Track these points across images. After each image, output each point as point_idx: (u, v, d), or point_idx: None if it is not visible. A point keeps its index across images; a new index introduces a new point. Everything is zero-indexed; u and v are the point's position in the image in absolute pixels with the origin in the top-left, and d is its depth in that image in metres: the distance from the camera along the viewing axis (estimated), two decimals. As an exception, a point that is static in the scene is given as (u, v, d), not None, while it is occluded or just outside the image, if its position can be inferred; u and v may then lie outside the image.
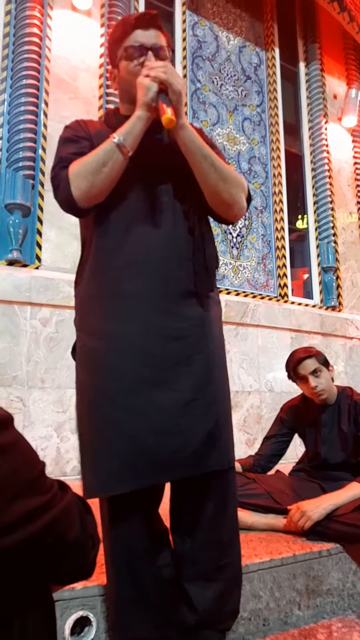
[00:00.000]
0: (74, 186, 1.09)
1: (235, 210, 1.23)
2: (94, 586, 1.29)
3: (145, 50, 1.18)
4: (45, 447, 2.92)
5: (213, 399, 1.16)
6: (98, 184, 1.09)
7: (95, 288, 1.17)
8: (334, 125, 5.23)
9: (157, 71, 1.09)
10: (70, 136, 1.21)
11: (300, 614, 1.59)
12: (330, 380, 2.04)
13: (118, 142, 1.08)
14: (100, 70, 3.69)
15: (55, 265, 3.25)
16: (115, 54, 1.24)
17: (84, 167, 1.09)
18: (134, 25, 1.18)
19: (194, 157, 1.14)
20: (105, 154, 1.09)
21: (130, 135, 1.10)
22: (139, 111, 1.11)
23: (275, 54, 4.90)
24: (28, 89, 3.29)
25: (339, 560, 1.73)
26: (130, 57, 1.19)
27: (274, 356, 4.09)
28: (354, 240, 5.17)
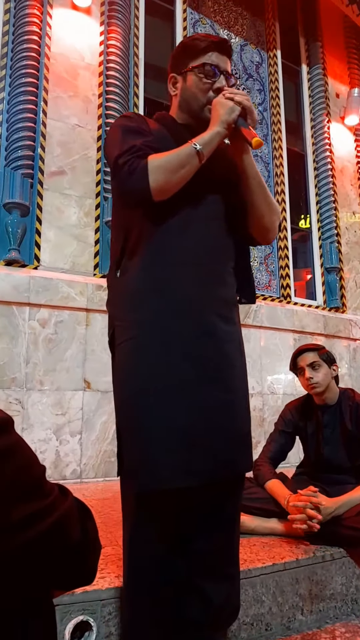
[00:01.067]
0: (153, 178, 1.13)
1: (270, 235, 1.34)
2: (94, 591, 1.29)
3: (219, 73, 1.27)
4: (44, 450, 2.88)
5: (248, 402, 1.25)
6: (173, 182, 1.15)
7: (146, 282, 1.19)
8: (336, 124, 5.20)
9: (242, 98, 1.20)
10: (134, 127, 1.25)
11: (303, 619, 1.59)
12: (330, 378, 2.03)
13: (198, 150, 1.15)
14: (100, 68, 3.67)
15: (54, 266, 3.22)
16: (184, 63, 1.30)
17: (166, 162, 1.14)
18: (213, 46, 1.27)
19: (252, 181, 1.25)
20: (186, 157, 1.15)
21: (208, 146, 1.17)
22: (219, 127, 1.18)
23: (276, 53, 4.88)
24: (27, 87, 3.28)
25: (342, 565, 1.72)
26: (205, 74, 1.27)
27: (277, 358, 4.05)
28: (357, 240, 5.13)
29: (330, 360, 2.05)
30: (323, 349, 2.07)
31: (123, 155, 1.16)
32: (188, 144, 1.16)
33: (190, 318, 1.17)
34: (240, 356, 1.26)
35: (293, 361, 2.10)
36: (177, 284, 1.18)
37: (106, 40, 3.71)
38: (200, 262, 1.20)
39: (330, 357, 2.05)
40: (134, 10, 4.00)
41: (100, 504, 2.28)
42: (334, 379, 2.06)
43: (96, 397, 3.09)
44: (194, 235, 1.21)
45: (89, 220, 3.41)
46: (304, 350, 2.07)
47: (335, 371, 2.05)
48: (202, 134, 1.19)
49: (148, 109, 4.01)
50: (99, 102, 3.61)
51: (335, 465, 2.02)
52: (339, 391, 2.08)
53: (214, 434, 1.14)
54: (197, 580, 1.21)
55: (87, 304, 3.13)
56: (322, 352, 2.05)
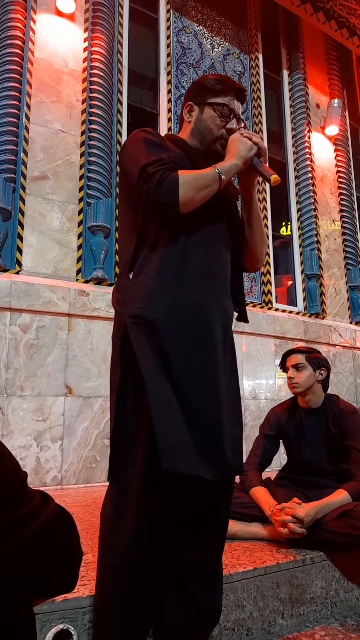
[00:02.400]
0: (183, 191, 1.21)
1: (258, 265, 1.49)
2: (75, 599, 1.27)
3: (233, 116, 1.39)
4: (25, 456, 2.85)
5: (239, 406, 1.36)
6: (197, 199, 1.24)
7: (160, 285, 1.25)
8: (317, 134, 5.29)
9: (258, 139, 1.32)
10: (158, 142, 1.35)
11: (283, 623, 1.59)
12: (312, 381, 2.06)
13: (220, 175, 1.26)
14: (84, 74, 3.67)
15: (36, 270, 3.20)
16: (204, 97, 1.40)
17: (194, 180, 1.24)
18: (234, 91, 1.39)
19: (254, 214, 1.40)
20: (211, 178, 1.26)
21: (228, 174, 1.28)
22: (237, 160, 1.29)
23: (259, 62, 4.95)
24: (10, 91, 3.27)
25: (322, 568, 1.73)
26: (222, 114, 1.38)
27: (258, 363, 4.08)
28: (336, 247, 5.21)
29: (318, 365, 2.08)
30: (313, 353, 2.11)
31: (152, 165, 1.23)
32: (211, 168, 1.26)
33: (200, 324, 1.25)
34: (236, 367, 1.37)
35: (282, 360, 2.18)
36: (188, 291, 1.25)
37: (90, 47, 3.72)
38: (209, 274, 1.29)
39: (318, 362, 2.09)
40: (118, 17, 4.01)
41: (81, 510, 2.26)
42: (320, 383, 2.09)
43: (78, 403, 3.07)
44: (205, 250, 1.30)
45: (71, 226, 3.40)
46: (294, 351, 2.14)
47: (321, 375, 2.08)
48: (222, 162, 1.29)
49: (131, 116, 4.03)
50: (83, 107, 3.61)
51: (316, 468, 2.05)
52: (324, 396, 2.11)
53: (226, 435, 1.21)
54: (185, 583, 1.25)
55: (69, 309, 3.11)
56: (311, 356, 2.09)
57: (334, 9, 4.79)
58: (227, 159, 1.30)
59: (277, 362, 3.94)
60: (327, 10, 4.78)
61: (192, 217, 1.27)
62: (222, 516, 1.32)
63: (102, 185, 3.52)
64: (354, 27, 5.04)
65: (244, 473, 2.06)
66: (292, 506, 1.74)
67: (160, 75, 4.30)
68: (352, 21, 4.97)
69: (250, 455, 2.14)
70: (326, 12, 4.79)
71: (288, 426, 2.15)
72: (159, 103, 4.27)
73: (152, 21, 4.41)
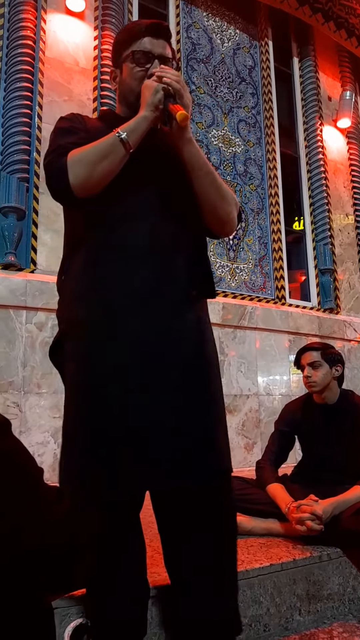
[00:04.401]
0: (72, 174, 1.07)
1: (227, 227, 1.25)
2: None
3: (152, 58, 1.19)
4: (42, 453, 2.88)
5: (208, 403, 1.15)
6: (96, 175, 1.08)
7: (88, 282, 1.14)
8: (329, 127, 5.24)
9: (171, 78, 1.10)
10: (67, 127, 1.20)
11: (300, 620, 1.59)
12: (329, 378, 2.03)
13: (122, 138, 1.08)
14: (95, 72, 3.68)
15: (51, 269, 3.22)
16: (119, 55, 1.24)
17: (84, 156, 1.08)
18: (144, 31, 1.19)
19: (197, 172, 1.16)
20: (108, 147, 1.08)
21: (134, 133, 1.09)
22: (145, 111, 1.11)
23: (269, 56, 4.90)
24: (22, 91, 3.28)
25: (339, 565, 1.72)
26: (137, 62, 1.19)
27: (272, 359, 4.07)
28: (350, 242, 5.17)
29: (334, 361, 2.05)
30: (329, 349, 2.08)
31: (47, 157, 1.14)
32: (112, 134, 1.09)
33: (138, 315, 1.09)
34: (196, 356, 1.14)
35: (297, 358, 2.13)
36: (121, 281, 1.11)
37: (100, 45, 3.72)
38: (145, 256, 1.12)
39: (334, 358, 2.06)
40: (128, 14, 4.01)
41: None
42: (336, 380, 2.07)
43: (93, 400, 3.09)
44: (137, 229, 1.14)
45: (84, 224, 3.41)
46: (309, 348, 2.09)
47: (337, 372, 2.05)
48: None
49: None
50: (94, 106, 3.62)
51: (332, 464, 2.03)
52: (339, 392, 2.09)
53: (158, 439, 1.06)
54: (183, 588, 1.16)
55: (84, 308, 3.13)
56: (326, 353, 2.05)
57: (333, 9, 4.75)
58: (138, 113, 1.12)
59: (292, 358, 3.94)
60: (325, 12, 4.74)
61: (117, 196, 1.13)
62: (208, 516, 1.13)
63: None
64: (353, 28, 5.00)
65: (258, 470, 2.06)
66: (309, 503, 1.73)
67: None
68: (351, 21, 4.92)
69: (266, 452, 2.14)
70: (324, 14, 4.75)
71: (303, 422, 2.14)
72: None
73: (162, 17, 4.38)
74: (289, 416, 2.18)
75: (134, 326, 1.09)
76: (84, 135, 1.16)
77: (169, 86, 1.10)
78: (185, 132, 1.12)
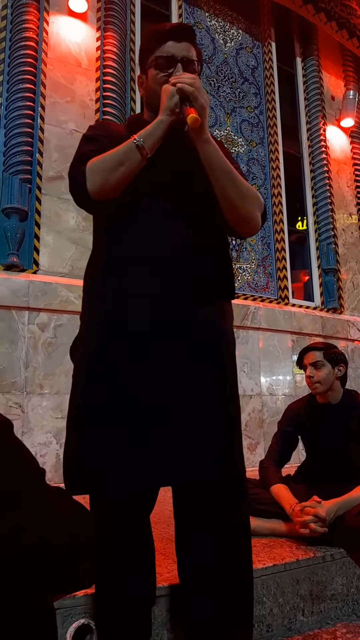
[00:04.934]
0: (90, 181, 1.12)
1: (250, 227, 1.25)
2: None
3: (175, 62, 1.20)
4: (45, 453, 2.88)
5: (211, 404, 1.14)
6: (113, 181, 1.12)
7: (101, 285, 1.18)
8: (332, 126, 5.23)
9: (184, 82, 1.12)
10: (92, 135, 1.25)
11: (304, 620, 1.58)
12: (332, 378, 2.03)
13: (138, 144, 1.11)
14: (97, 73, 3.68)
15: (53, 270, 3.23)
16: (144, 61, 1.26)
17: (102, 163, 1.13)
18: (166, 35, 1.21)
19: (215, 172, 1.16)
20: (124, 153, 1.12)
21: (150, 138, 1.12)
22: (162, 116, 1.14)
23: (272, 56, 4.90)
24: (25, 92, 3.28)
25: (342, 565, 1.72)
26: (159, 67, 1.21)
27: (275, 359, 4.06)
28: (354, 241, 5.15)
29: (336, 361, 2.04)
30: (331, 349, 2.07)
31: (71, 165, 1.19)
32: (129, 140, 1.12)
33: (146, 317, 1.11)
34: (204, 358, 1.14)
35: (299, 358, 2.13)
36: (133, 283, 1.13)
37: (103, 45, 3.72)
38: (159, 259, 1.13)
39: (337, 358, 2.05)
40: (130, 15, 4.01)
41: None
42: (339, 379, 2.06)
43: (96, 401, 3.08)
44: (153, 231, 1.15)
45: (87, 225, 3.41)
46: (311, 348, 2.09)
47: (340, 371, 2.04)
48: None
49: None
50: (97, 107, 3.62)
51: (335, 464, 2.03)
52: (342, 391, 2.08)
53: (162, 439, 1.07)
54: (185, 587, 1.17)
55: (86, 308, 3.13)
56: (329, 352, 2.05)
57: (335, 9, 4.75)
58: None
59: (295, 358, 3.92)
60: (328, 11, 4.75)
61: (136, 199, 1.16)
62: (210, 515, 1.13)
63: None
64: (354, 28, 4.99)
65: (262, 470, 2.06)
66: (312, 505, 1.72)
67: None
68: (352, 22, 4.92)
69: (269, 452, 2.13)
70: (327, 14, 4.75)
71: (306, 422, 2.13)
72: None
73: (164, 18, 4.39)
74: (292, 416, 2.17)
75: (141, 328, 1.10)
76: (107, 143, 1.19)
77: (183, 90, 1.12)
78: (202, 133, 1.14)
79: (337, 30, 4.89)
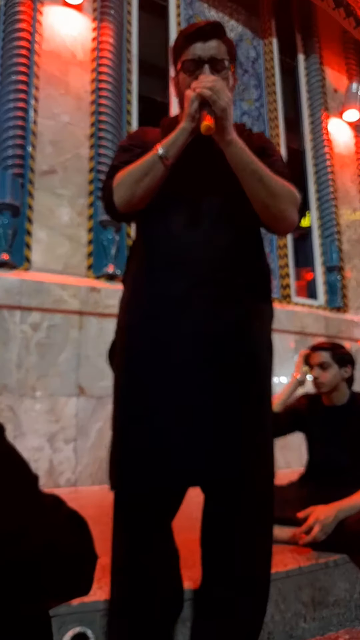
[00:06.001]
0: (117, 194, 1.19)
1: (285, 224, 1.25)
2: (92, 602, 1.28)
3: (202, 63, 1.21)
4: (38, 458, 2.80)
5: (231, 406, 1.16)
6: (139, 193, 1.18)
7: (134, 286, 1.23)
8: (335, 119, 5.14)
9: (204, 86, 1.12)
10: (125, 145, 1.31)
11: (306, 627, 1.57)
12: (338, 379, 2.02)
13: (160, 155, 1.15)
14: (93, 65, 3.61)
15: (47, 267, 3.14)
16: (176, 64, 1.28)
17: (128, 176, 1.18)
18: (193, 37, 1.22)
19: (242, 173, 1.17)
20: (148, 165, 1.16)
21: (173, 147, 1.15)
22: (184, 123, 1.15)
23: (273, 48, 4.83)
24: (18, 85, 3.23)
25: (345, 571, 1.70)
26: (187, 71, 1.23)
27: (277, 360, 3.90)
28: (358, 238, 5.06)
29: (344, 362, 2.02)
30: (339, 349, 2.05)
31: (105, 178, 1.26)
32: (152, 151, 1.16)
33: (174, 320, 1.14)
34: (232, 357, 1.15)
35: (306, 356, 2.13)
36: (164, 287, 1.16)
37: (98, 37, 3.65)
38: (188, 263, 1.16)
39: (344, 359, 2.03)
40: (127, 6, 3.95)
41: (96, 512, 2.18)
42: (345, 381, 2.04)
43: (91, 403, 3.00)
44: (182, 235, 1.19)
45: (81, 220, 3.33)
46: (319, 347, 2.07)
47: (347, 373, 2.03)
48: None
49: (142, 106, 3.95)
50: (92, 99, 3.54)
51: (339, 467, 2.00)
52: (349, 393, 2.06)
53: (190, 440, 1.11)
54: (205, 586, 1.21)
55: (81, 307, 3.05)
56: (336, 353, 2.03)
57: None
58: None
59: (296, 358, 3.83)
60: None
61: (167, 204, 1.20)
62: (231, 519, 1.17)
63: (113, 179, 3.44)
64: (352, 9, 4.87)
65: None
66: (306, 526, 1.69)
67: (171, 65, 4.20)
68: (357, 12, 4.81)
69: None
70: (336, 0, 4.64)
71: (308, 422, 2.11)
72: (169, 93, 4.19)
73: (162, 9, 4.33)
74: (296, 404, 2.17)
75: (169, 330, 1.14)
76: (139, 152, 1.23)
77: (202, 95, 1.12)
78: (225, 135, 1.14)
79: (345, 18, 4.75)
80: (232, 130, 1.15)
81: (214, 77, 1.16)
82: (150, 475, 1.10)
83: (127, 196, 1.18)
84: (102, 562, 1.48)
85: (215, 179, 1.22)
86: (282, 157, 1.32)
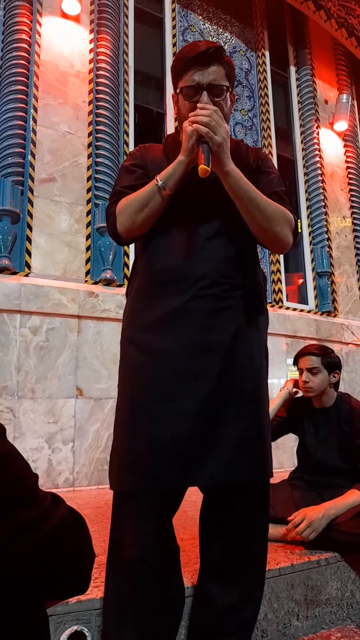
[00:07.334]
0: (119, 222, 1.25)
1: (280, 245, 1.29)
2: (89, 600, 1.28)
3: (201, 90, 1.21)
4: (37, 458, 2.85)
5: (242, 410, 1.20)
6: (139, 221, 1.23)
7: (136, 301, 1.28)
8: (325, 130, 5.24)
9: (201, 121, 1.14)
10: (128, 166, 1.34)
11: (299, 625, 1.57)
12: (326, 384, 2.04)
13: (159, 185, 1.19)
14: (90, 75, 3.67)
15: (45, 272, 3.20)
16: (175, 84, 1.29)
17: (129, 206, 1.23)
18: (192, 63, 1.21)
19: (239, 201, 1.21)
20: (148, 195, 1.20)
21: (171, 179, 1.19)
22: (182, 156, 1.19)
23: (265, 59, 4.92)
24: (17, 94, 3.28)
25: (337, 569, 1.71)
26: (186, 96, 1.23)
27: (270, 363, 4.00)
28: (347, 244, 5.16)
29: (333, 367, 2.04)
30: (328, 354, 2.06)
31: (108, 202, 1.31)
32: (152, 182, 1.20)
33: (176, 334, 1.18)
34: (227, 367, 1.19)
35: (295, 359, 2.12)
36: (164, 301, 1.20)
37: (96, 48, 3.72)
38: (186, 280, 1.20)
39: (333, 364, 2.04)
40: (124, 17, 4.01)
41: (93, 512, 2.25)
42: (332, 385, 2.07)
43: (89, 405, 3.06)
44: (184, 253, 1.22)
45: (80, 227, 3.40)
46: (308, 352, 2.06)
47: (335, 378, 2.05)
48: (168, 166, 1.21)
49: (138, 116, 4.02)
50: (89, 109, 3.61)
51: (329, 467, 2.02)
52: (336, 395, 2.09)
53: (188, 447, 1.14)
54: (203, 582, 1.23)
55: (79, 311, 3.11)
56: (326, 359, 2.04)
57: (332, 9, 4.75)
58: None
59: (289, 361, 3.92)
60: (327, 10, 4.75)
61: (170, 225, 1.24)
62: (238, 518, 1.21)
63: (110, 186, 3.51)
64: (352, 28, 4.99)
65: None
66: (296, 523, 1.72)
67: (167, 75, 4.29)
68: (350, 21, 4.93)
69: None
70: (327, 12, 4.76)
71: (299, 422, 2.14)
72: (165, 103, 4.26)
73: (158, 21, 4.40)
74: (291, 406, 2.18)
75: (169, 342, 1.17)
76: (140, 174, 1.30)
77: (198, 131, 1.14)
78: (222, 166, 1.17)
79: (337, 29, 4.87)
80: (229, 162, 1.17)
81: (210, 110, 1.15)
82: (153, 476, 1.13)
83: (128, 224, 1.23)
84: (99, 560, 1.54)
85: (213, 202, 1.24)
86: (277, 175, 1.36)
